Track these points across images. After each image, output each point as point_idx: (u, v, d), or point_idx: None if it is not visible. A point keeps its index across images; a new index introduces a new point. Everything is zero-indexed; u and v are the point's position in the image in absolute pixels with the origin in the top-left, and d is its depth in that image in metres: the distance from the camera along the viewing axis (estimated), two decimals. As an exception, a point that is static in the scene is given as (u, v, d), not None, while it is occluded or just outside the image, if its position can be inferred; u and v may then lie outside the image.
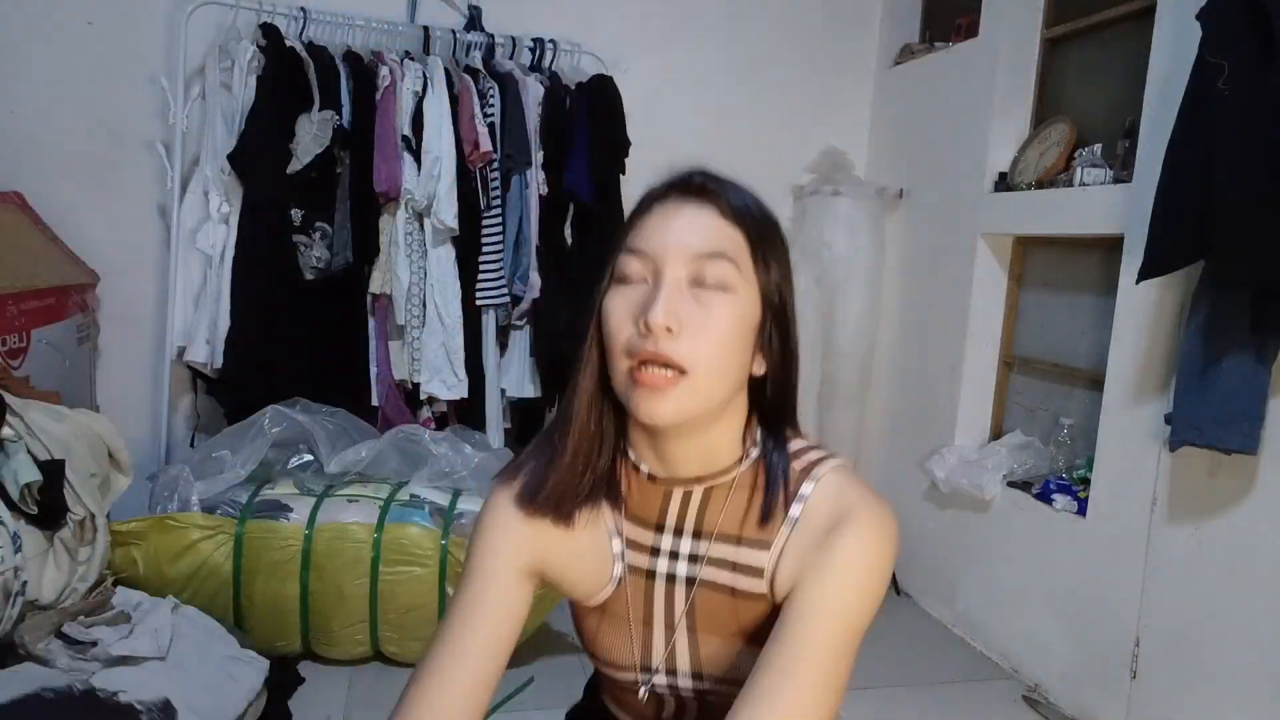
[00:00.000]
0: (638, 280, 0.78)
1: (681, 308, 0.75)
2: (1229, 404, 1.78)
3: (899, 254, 3.19)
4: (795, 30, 3.34)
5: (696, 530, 0.84)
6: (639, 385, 0.75)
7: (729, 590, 0.82)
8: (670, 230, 0.77)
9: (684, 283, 0.76)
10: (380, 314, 2.75)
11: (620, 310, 0.77)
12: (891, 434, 3.22)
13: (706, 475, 0.83)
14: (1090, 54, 2.58)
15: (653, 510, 0.85)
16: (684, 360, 0.74)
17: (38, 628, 1.71)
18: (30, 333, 2.28)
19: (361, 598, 2.21)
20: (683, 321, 0.74)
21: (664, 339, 0.74)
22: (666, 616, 0.85)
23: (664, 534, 0.85)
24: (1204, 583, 1.97)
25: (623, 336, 0.76)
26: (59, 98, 2.71)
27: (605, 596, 0.87)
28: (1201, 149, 1.75)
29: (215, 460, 2.33)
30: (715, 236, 0.77)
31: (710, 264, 0.76)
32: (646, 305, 0.75)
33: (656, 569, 0.85)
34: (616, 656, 0.88)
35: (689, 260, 0.76)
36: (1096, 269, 2.48)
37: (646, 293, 0.76)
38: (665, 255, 0.77)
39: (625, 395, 0.78)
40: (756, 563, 0.81)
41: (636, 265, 0.78)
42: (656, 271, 0.77)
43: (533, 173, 2.81)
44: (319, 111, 2.57)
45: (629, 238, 0.80)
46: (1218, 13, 1.76)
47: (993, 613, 2.65)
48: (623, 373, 0.77)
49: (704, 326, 0.75)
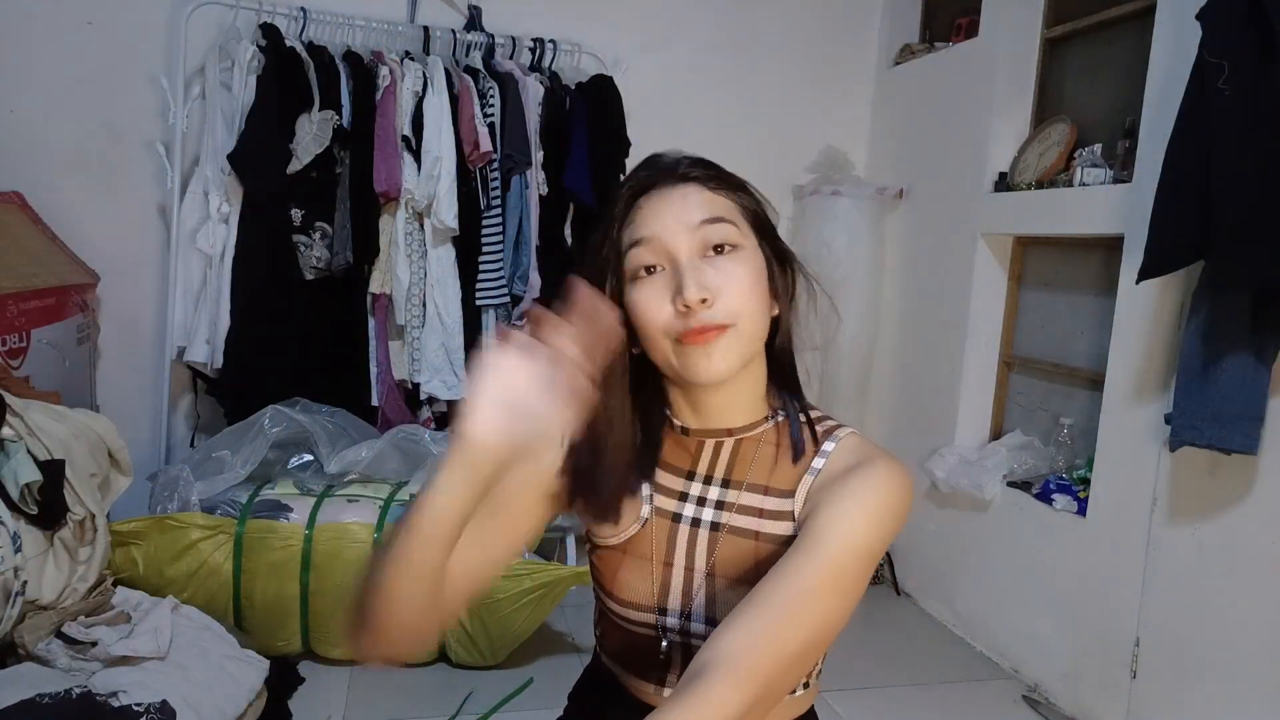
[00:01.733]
0: (654, 269, 0.83)
1: (706, 278, 0.80)
2: (1229, 404, 1.78)
3: (899, 254, 3.19)
4: (795, 30, 3.34)
5: (726, 479, 0.90)
6: (690, 346, 0.80)
7: (753, 535, 0.88)
8: (668, 213, 0.83)
9: (697, 255, 0.82)
10: (380, 314, 2.75)
11: (649, 299, 0.82)
12: (891, 434, 3.22)
13: (737, 428, 0.89)
14: (1090, 54, 2.58)
15: (685, 459, 0.91)
16: (726, 318, 0.81)
17: (38, 628, 1.71)
18: (30, 333, 2.28)
19: (361, 598, 2.21)
20: (712, 290, 0.80)
21: (702, 311, 0.80)
22: (688, 559, 0.90)
23: (694, 481, 0.91)
24: (1204, 583, 1.97)
25: (660, 321, 0.82)
26: (59, 98, 2.71)
27: (629, 535, 0.91)
28: (1201, 149, 1.75)
29: (215, 460, 2.33)
30: (708, 205, 0.84)
31: (713, 229, 0.83)
32: (678, 287, 0.80)
33: (683, 513, 0.90)
34: (635, 595, 0.91)
35: (693, 233, 0.82)
36: (1096, 269, 2.48)
37: (667, 277, 0.82)
38: (672, 237, 0.82)
39: (676, 366, 0.83)
40: (783, 508, 0.87)
41: (647, 255, 0.83)
42: (670, 255, 0.82)
43: (533, 173, 2.81)
44: (319, 111, 2.58)
45: (629, 231, 0.84)
46: (1218, 13, 1.76)
47: (993, 613, 2.65)
48: (666, 349, 0.82)
49: (730, 285, 0.81)
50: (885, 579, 3.12)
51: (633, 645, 0.93)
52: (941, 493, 2.80)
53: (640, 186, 0.86)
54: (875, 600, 3.05)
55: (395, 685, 2.22)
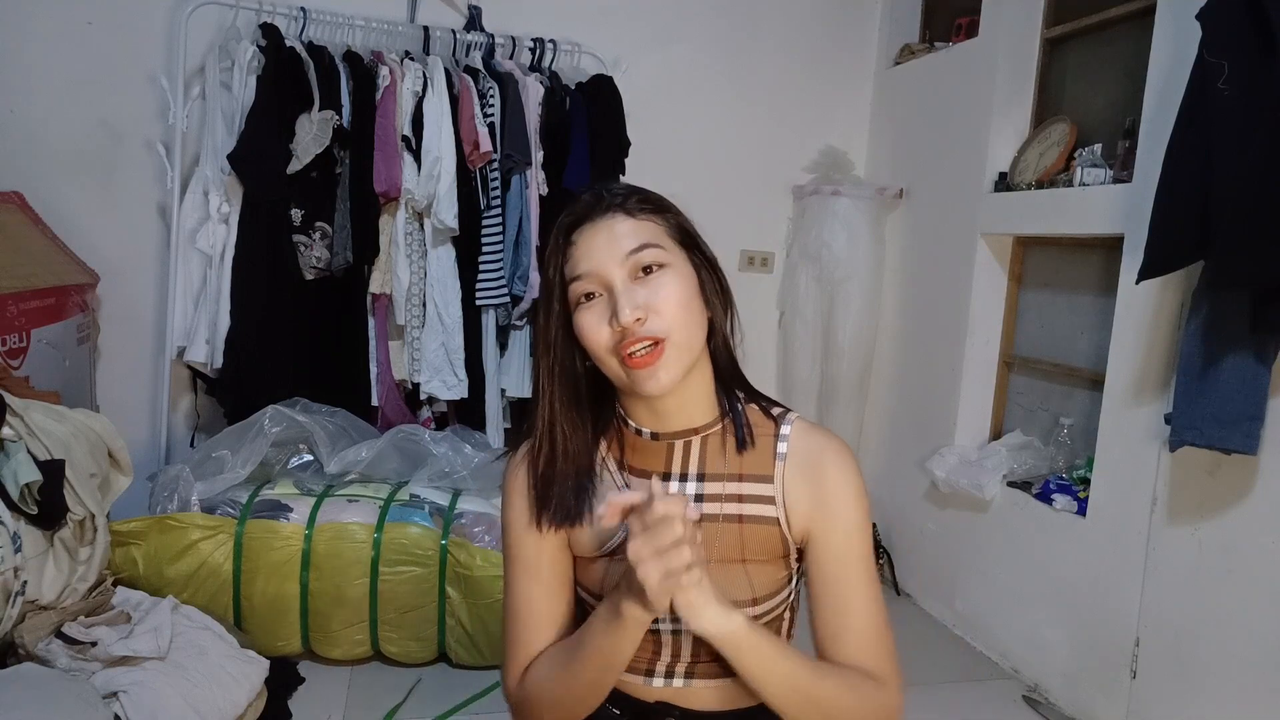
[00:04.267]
0: (592, 294, 0.92)
1: (638, 299, 0.90)
2: (1229, 404, 1.78)
3: (899, 254, 3.19)
4: (795, 30, 3.34)
5: (700, 473, 0.98)
6: (635, 369, 0.90)
7: (736, 519, 0.97)
8: (599, 247, 0.92)
9: (629, 279, 0.91)
10: (380, 314, 2.75)
11: (592, 322, 0.91)
12: (891, 434, 3.22)
13: (700, 426, 0.98)
14: (1090, 54, 2.58)
15: (658, 462, 0.99)
16: (659, 332, 0.89)
17: (38, 628, 1.71)
18: (30, 333, 2.28)
19: (361, 597, 2.21)
20: (645, 308, 0.89)
21: (637, 329, 0.89)
22: None
23: (671, 481, 0.98)
24: (1204, 583, 1.97)
25: (603, 341, 0.91)
26: (59, 98, 2.71)
27: (615, 544, 0.97)
28: (1201, 148, 1.75)
29: (215, 460, 2.33)
30: (635, 233, 0.92)
31: (642, 254, 0.91)
32: (614, 310, 0.89)
33: None
34: None
35: (623, 261, 0.91)
36: (1096, 269, 2.48)
37: (605, 301, 0.91)
38: (605, 267, 0.91)
39: (624, 381, 0.92)
40: (764, 492, 0.97)
41: (586, 285, 0.92)
42: (605, 283, 0.91)
43: (533, 173, 2.81)
44: (319, 111, 2.57)
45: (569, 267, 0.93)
46: (1218, 13, 1.76)
47: (993, 613, 2.65)
48: (615, 367, 0.91)
49: (661, 301, 0.90)
50: (885, 579, 3.12)
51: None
52: (941, 493, 2.80)
53: (574, 220, 0.95)
54: (875, 600, 3.05)
55: (395, 685, 2.23)
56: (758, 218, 3.36)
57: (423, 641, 2.27)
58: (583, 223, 0.94)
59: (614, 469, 1.00)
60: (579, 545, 0.99)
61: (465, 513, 2.31)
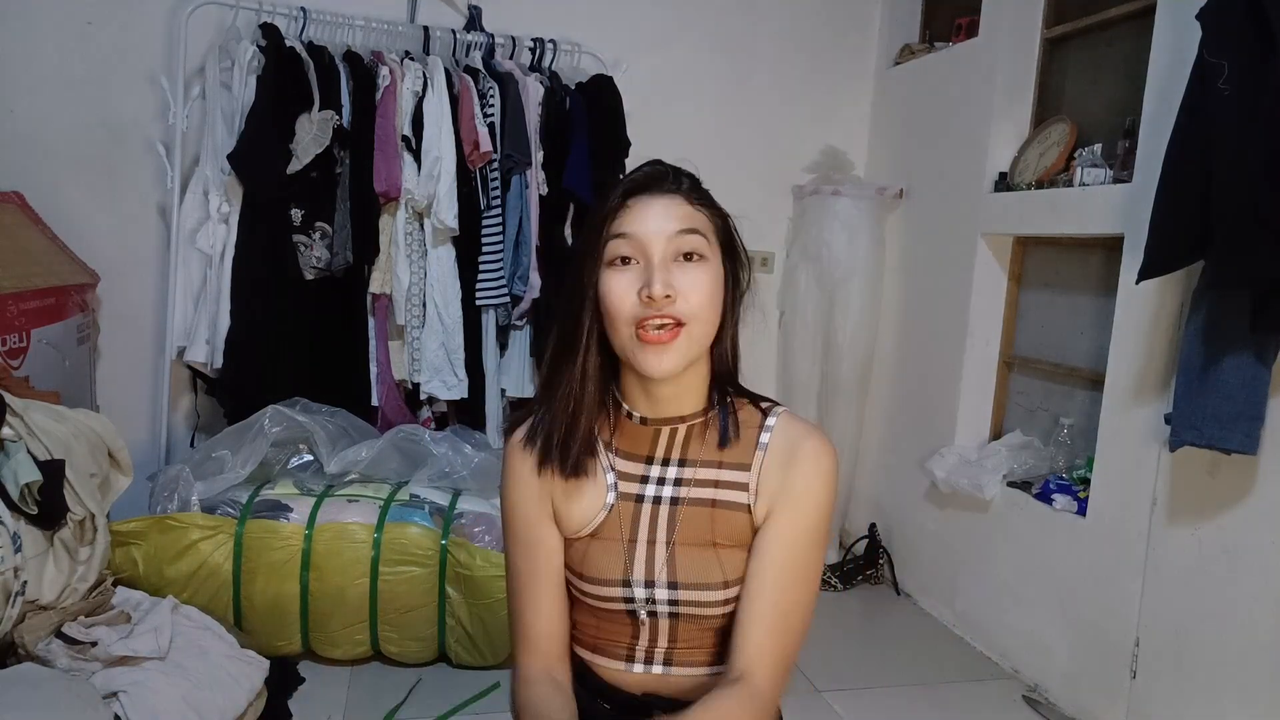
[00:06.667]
0: (629, 260, 0.94)
1: (672, 278, 0.92)
2: (1229, 404, 1.77)
3: (899, 254, 3.19)
4: (795, 30, 3.34)
5: (682, 459, 1.02)
6: (647, 344, 0.92)
7: (709, 503, 1.00)
8: (651, 218, 0.94)
9: (669, 258, 0.93)
10: (380, 314, 2.75)
11: (620, 287, 0.93)
12: (891, 434, 3.22)
13: (689, 415, 1.02)
14: (1090, 54, 2.58)
15: (644, 446, 1.03)
16: (683, 315, 0.92)
17: (38, 628, 1.71)
18: (30, 333, 2.28)
19: (361, 598, 2.21)
20: (676, 288, 0.92)
21: (664, 304, 0.91)
22: (650, 533, 1.01)
23: (653, 465, 1.02)
24: (1204, 583, 1.97)
25: (626, 308, 0.93)
26: (59, 98, 2.71)
27: (598, 523, 1.02)
28: (1201, 149, 1.75)
29: (215, 460, 2.33)
30: (688, 217, 0.95)
31: (686, 239, 0.94)
32: (647, 281, 0.92)
33: (645, 494, 1.02)
34: (603, 572, 1.01)
35: (669, 239, 0.93)
36: (1096, 269, 2.48)
37: (640, 271, 0.93)
38: (650, 238, 0.93)
39: (630, 354, 0.94)
40: (740, 479, 1.00)
41: (626, 247, 0.94)
42: (645, 252, 0.93)
43: (533, 173, 2.81)
44: (319, 111, 2.57)
45: (615, 224, 0.95)
46: (1218, 13, 1.76)
47: (993, 613, 2.65)
48: (627, 336, 0.93)
49: (692, 288, 0.93)
50: (885, 579, 3.12)
51: (604, 626, 1.03)
52: (941, 493, 2.80)
53: (634, 186, 0.97)
54: (875, 600, 3.05)
55: (395, 685, 2.23)
56: (758, 218, 3.35)
57: (423, 641, 2.27)
58: (642, 191, 0.96)
59: (602, 449, 1.04)
60: (573, 523, 1.02)
61: (465, 513, 2.31)
